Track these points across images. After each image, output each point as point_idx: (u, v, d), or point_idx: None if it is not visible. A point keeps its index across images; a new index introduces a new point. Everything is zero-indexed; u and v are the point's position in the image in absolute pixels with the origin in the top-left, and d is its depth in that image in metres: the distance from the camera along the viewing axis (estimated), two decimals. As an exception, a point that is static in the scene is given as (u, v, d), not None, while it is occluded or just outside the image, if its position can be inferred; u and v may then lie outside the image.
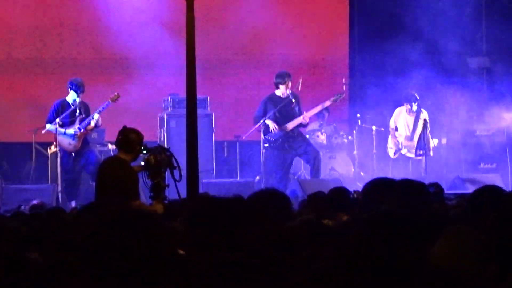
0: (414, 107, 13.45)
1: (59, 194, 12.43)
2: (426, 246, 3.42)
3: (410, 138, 13.50)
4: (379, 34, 14.54)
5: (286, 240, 4.60)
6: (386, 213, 2.93)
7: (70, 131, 12.32)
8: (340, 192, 6.92)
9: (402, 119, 13.65)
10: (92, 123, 12.47)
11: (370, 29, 14.59)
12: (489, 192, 4.65)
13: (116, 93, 12.64)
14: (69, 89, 12.52)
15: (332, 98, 13.42)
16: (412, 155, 13.43)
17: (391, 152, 13.74)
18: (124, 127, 8.44)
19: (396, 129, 13.67)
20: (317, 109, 13.39)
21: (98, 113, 12.44)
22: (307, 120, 13.15)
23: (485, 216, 3.94)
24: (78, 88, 12.41)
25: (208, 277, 3.26)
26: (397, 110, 13.71)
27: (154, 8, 14.64)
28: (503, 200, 4.48)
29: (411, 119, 13.57)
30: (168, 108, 13.61)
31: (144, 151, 8.10)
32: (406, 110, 13.58)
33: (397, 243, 2.81)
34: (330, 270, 2.99)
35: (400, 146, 13.56)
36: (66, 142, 12.35)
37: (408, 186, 4.42)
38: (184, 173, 7.99)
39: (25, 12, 14.41)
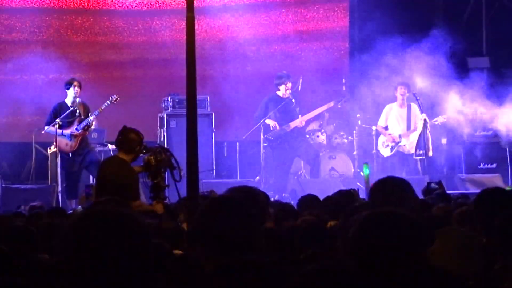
0: (406, 92, 13.41)
1: (59, 194, 12.43)
2: (427, 246, 3.42)
3: (407, 133, 13.41)
4: (379, 34, 14.52)
5: (286, 240, 4.60)
6: (384, 212, 2.92)
7: (67, 132, 12.32)
8: (348, 194, 6.88)
9: (393, 115, 13.57)
10: (93, 124, 12.50)
11: (370, 28, 14.57)
12: (497, 194, 4.63)
13: (115, 96, 12.65)
14: (65, 90, 12.54)
15: (335, 101, 13.46)
16: (412, 151, 13.35)
17: (386, 151, 13.63)
18: (124, 127, 8.44)
19: (386, 128, 13.61)
20: (318, 111, 13.42)
21: (96, 115, 12.45)
22: (303, 124, 13.19)
23: (493, 217, 3.94)
24: (68, 84, 12.41)
25: (209, 276, 3.26)
26: (387, 106, 13.64)
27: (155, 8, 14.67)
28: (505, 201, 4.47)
29: (403, 113, 13.48)
30: (168, 108, 13.61)
31: (144, 151, 8.11)
32: (398, 104, 13.51)
33: (396, 243, 2.80)
34: (330, 270, 2.98)
35: (397, 140, 13.46)
36: (64, 143, 12.36)
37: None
38: (184, 173, 7.98)
39: (25, 12, 14.41)
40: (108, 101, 12.59)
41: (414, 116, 13.35)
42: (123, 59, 14.73)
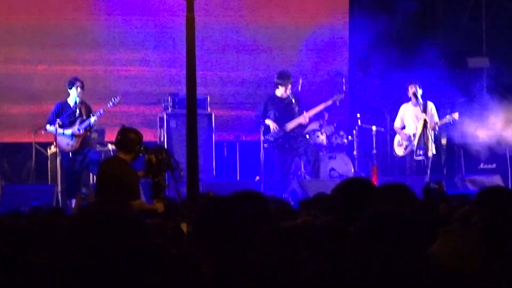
0: (419, 91, 13.34)
1: (59, 194, 12.43)
2: (427, 245, 3.42)
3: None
4: (379, 34, 14.53)
5: (286, 240, 4.59)
6: (384, 213, 2.92)
7: (69, 131, 12.33)
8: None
9: (409, 114, 13.51)
10: (94, 124, 12.52)
11: (370, 29, 14.58)
12: (497, 192, 4.63)
13: (118, 97, 12.67)
14: (68, 89, 12.54)
15: (332, 98, 13.45)
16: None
17: (400, 150, 13.57)
18: (123, 127, 8.45)
19: (403, 128, 13.57)
20: (318, 109, 13.40)
21: (98, 116, 12.46)
22: (307, 120, 13.19)
23: (492, 216, 3.94)
24: (71, 84, 12.41)
25: (208, 277, 3.25)
26: (403, 107, 13.58)
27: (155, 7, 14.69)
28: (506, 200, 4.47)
29: (419, 111, 13.41)
30: (168, 108, 13.62)
31: (144, 152, 8.11)
32: (412, 104, 13.46)
33: (396, 243, 2.80)
34: (330, 270, 2.99)
35: (411, 138, 13.40)
36: (65, 142, 12.37)
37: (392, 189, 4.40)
38: (184, 173, 7.98)
39: (25, 13, 14.40)
40: (110, 102, 12.61)
41: (430, 116, 13.28)
42: (123, 59, 14.72)
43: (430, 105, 13.40)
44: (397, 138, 13.66)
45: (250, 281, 3.05)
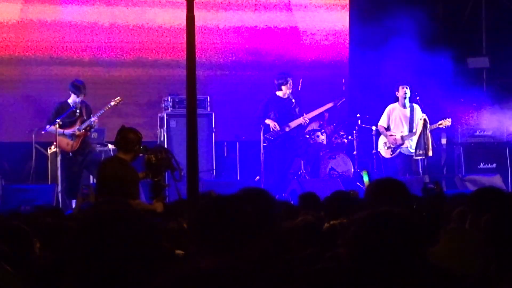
0: (408, 92, 13.37)
1: (59, 194, 12.43)
2: (426, 245, 3.42)
3: (410, 134, 13.34)
4: (379, 35, 14.52)
5: (286, 240, 4.59)
6: (384, 212, 2.92)
7: (69, 131, 12.33)
8: (341, 196, 6.89)
9: (396, 115, 13.52)
10: (95, 125, 12.51)
11: (370, 29, 14.58)
12: (489, 193, 4.65)
13: (119, 98, 12.67)
14: (70, 91, 12.55)
15: (333, 101, 13.46)
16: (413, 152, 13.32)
17: (387, 152, 13.59)
18: (122, 127, 8.45)
19: (388, 129, 13.56)
20: (319, 110, 13.41)
21: (98, 116, 12.46)
22: (307, 121, 13.21)
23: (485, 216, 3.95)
24: (77, 90, 12.43)
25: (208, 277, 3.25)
26: (390, 107, 13.57)
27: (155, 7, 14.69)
28: (502, 200, 4.48)
29: (407, 113, 13.43)
30: (168, 108, 13.62)
31: (144, 152, 8.11)
32: (400, 104, 13.47)
33: (396, 243, 2.81)
34: (329, 270, 2.99)
35: (400, 142, 13.42)
36: (65, 142, 12.37)
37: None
38: (184, 173, 7.98)
39: (25, 11, 14.40)
40: (111, 103, 12.62)
41: (417, 118, 13.29)
42: (123, 59, 14.72)
43: (418, 109, 13.38)
44: (383, 140, 13.64)
45: (249, 281, 3.05)
